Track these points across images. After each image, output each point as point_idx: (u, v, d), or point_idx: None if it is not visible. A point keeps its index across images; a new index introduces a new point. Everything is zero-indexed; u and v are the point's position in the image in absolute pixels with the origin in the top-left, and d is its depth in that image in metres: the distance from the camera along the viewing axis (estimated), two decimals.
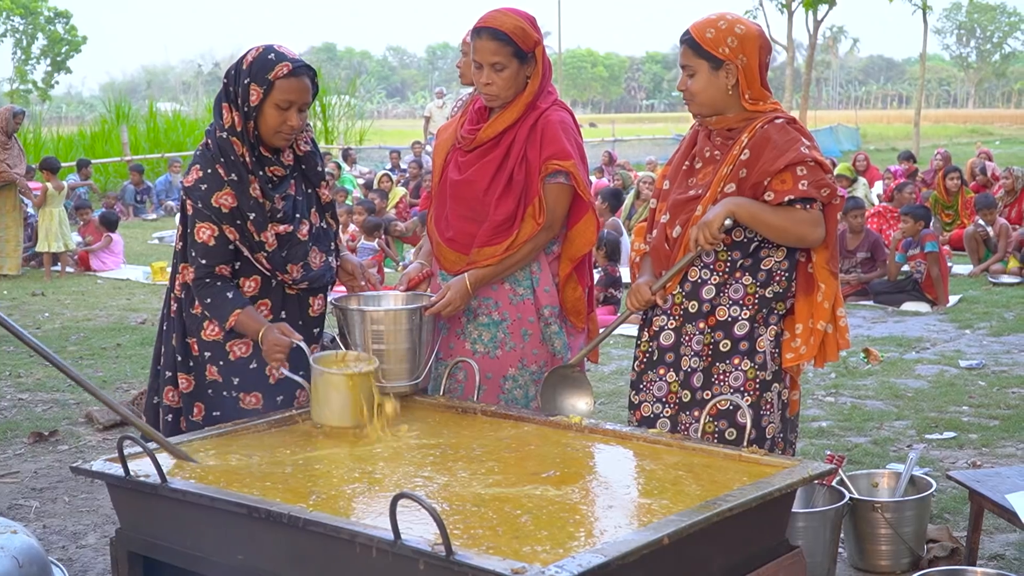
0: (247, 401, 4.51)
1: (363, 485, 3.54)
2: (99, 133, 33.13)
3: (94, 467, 3.68)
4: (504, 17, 4.69)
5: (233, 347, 4.49)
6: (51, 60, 79.01)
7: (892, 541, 5.33)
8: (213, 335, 4.49)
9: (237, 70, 4.44)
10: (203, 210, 4.37)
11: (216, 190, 4.37)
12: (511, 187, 4.74)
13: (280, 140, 4.46)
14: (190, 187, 4.41)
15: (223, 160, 4.40)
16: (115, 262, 16.94)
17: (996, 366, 9.71)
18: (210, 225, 4.38)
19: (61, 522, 6.21)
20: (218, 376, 4.52)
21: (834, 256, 4.38)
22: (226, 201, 4.37)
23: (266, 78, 4.35)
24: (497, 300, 4.83)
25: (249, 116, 4.38)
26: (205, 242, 4.39)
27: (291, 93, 4.37)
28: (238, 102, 4.40)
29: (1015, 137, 59.62)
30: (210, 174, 4.39)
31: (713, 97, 4.35)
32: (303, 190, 4.64)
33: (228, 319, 4.37)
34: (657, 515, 3.18)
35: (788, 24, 43.87)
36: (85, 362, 10.29)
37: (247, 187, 4.40)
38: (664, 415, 4.41)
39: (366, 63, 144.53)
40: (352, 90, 42.06)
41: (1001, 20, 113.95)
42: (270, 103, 4.36)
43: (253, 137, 4.42)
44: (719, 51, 4.29)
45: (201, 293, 4.41)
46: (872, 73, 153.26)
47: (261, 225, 4.41)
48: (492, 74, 4.71)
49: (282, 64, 4.36)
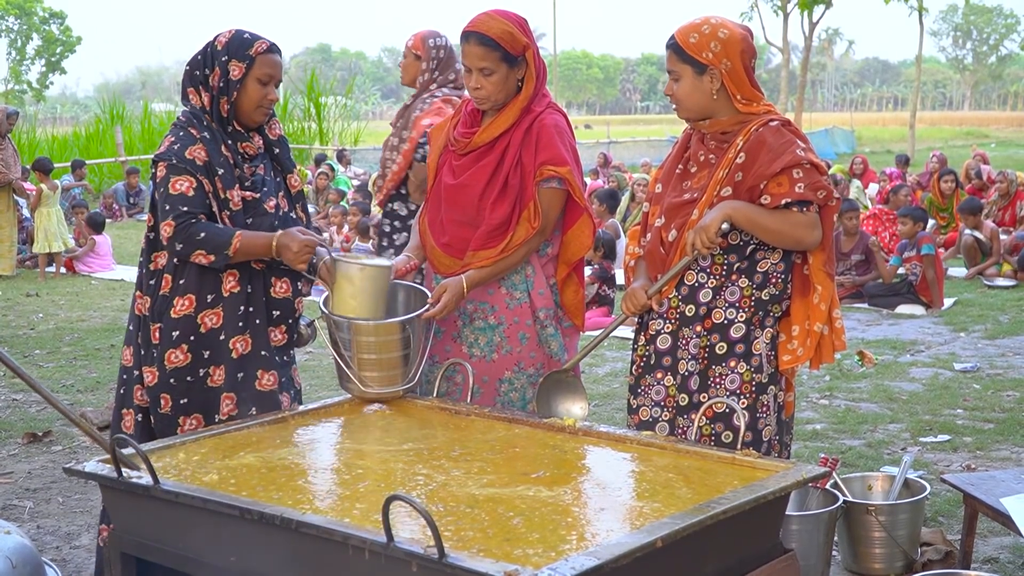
0: (215, 376, 4.54)
1: (355, 487, 3.53)
2: (94, 134, 33.12)
3: (87, 468, 3.67)
4: (492, 21, 4.69)
5: (204, 318, 4.53)
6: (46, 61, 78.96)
7: (886, 544, 5.32)
8: (184, 309, 4.51)
9: (210, 53, 4.60)
10: (178, 164, 4.47)
11: (189, 144, 4.52)
12: (506, 191, 4.74)
13: (260, 115, 4.65)
14: (162, 152, 4.53)
15: (195, 123, 4.58)
16: (103, 264, 16.86)
17: (991, 369, 9.72)
18: (187, 177, 4.47)
19: (55, 523, 6.20)
20: (187, 356, 4.51)
21: (830, 258, 4.38)
22: (199, 155, 4.50)
23: (247, 54, 4.55)
24: (494, 304, 4.83)
25: (225, 92, 4.55)
26: (184, 192, 4.46)
27: (271, 67, 4.59)
28: (208, 83, 4.56)
29: (1011, 140, 59.73)
30: (182, 136, 4.55)
31: (698, 102, 4.36)
32: (272, 175, 4.75)
33: (231, 243, 4.42)
34: (650, 518, 3.17)
35: (783, 26, 43.96)
36: (79, 363, 10.28)
37: (219, 146, 4.56)
38: (663, 419, 4.42)
39: (361, 64, 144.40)
40: (347, 91, 42.04)
41: (997, 22, 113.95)
42: (252, 78, 4.56)
43: (227, 112, 4.58)
44: (702, 56, 4.30)
45: (190, 232, 4.42)
46: (868, 75, 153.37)
47: (228, 183, 4.53)
48: (480, 78, 4.71)
49: (259, 41, 4.60)
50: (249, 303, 4.57)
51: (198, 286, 4.51)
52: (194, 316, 4.51)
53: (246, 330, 4.56)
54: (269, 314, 4.65)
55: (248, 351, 4.56)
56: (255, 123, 4.66)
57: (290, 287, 4.67)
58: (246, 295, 4.56)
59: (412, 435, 4.10)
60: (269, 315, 4.65)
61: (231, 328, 4.52)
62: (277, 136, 4.79)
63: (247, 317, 4.57)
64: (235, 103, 4.57)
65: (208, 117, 4.57)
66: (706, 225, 4.17)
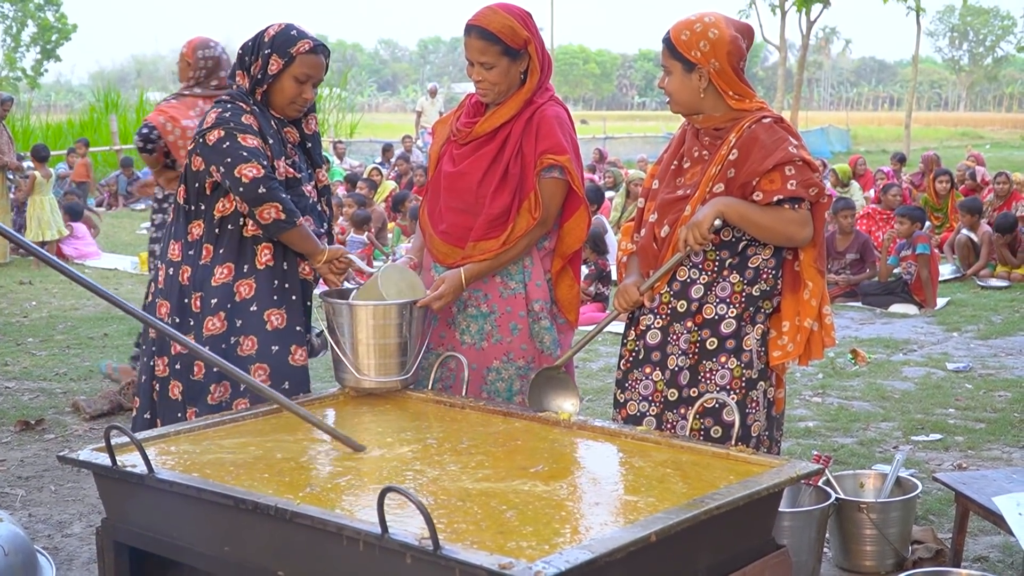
0: (245, 346, 4.65)
1: (350, 478, 3.54)
2: (88, 122, 33.01)
3: (81, 456, 3.67)
4: (493, 15, 4.70)
5: (239, 287, 4.66)
6: (40, 48, 78.68)
7: (877, 542, 5.33)
8: (223, 278, 4.65)
9: (257, 42, 4.73)
10: (238, 126, 4.58)
11: (242, 113, 4.64)
12: (506, 181, 4.75)
13: (292, 111, 4.79)
14: (214, 120, 4.61)
15: (246, 100, 4.70)
16: (85, 245, 16.82)
17: (983, 369, 9.73)
18: (254, 136, 4.59)
19: (47, 511, 6.20)
20: (223, 324, 4.63)
21: (821, 255, 4.39)
22: (252, 122, 4.63)
23: (288, 51, 4.67)
24: (487, 292, 4.84)
25: (262, 82, 4.69)
26: (257, 147, 4.58)
27: (310, 68, 4.71)
28: (250, 70, 4.69)
29: (1006, 141, 59.69)
30: (231, 107, 4.66)
31: (687, 98, 4.39)
32: (306, 167, 4.88)
33: (299, 217, 4.61)
34: (643, 512, 3.18)
35: (781, 24, 43.90)
36: (72, 351, 10.27)
37: (268, 120, 4.70)
38: (650, 413, 4.43)
39: (357, 56, 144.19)
40: (343, 83, 41.99)
41: (994, 23, 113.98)
42: (288, 75, 4.68)
43: (260, 100, 4.73)
44: (691, 54, 4.32)
45: (275, 186, 4.55)
46: (864, 74, 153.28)
47: (277, 152, 4.67)
48: (482, 71, 4.73)
49: (304, 40, 4.70)
50: (285, 279, 4.72)
51: (237, 255, 4.66)
52: (231, 284, 4.64)
53: (282, 304, 4.71)
54: (300, 294, 4.79)
55: (283, 325, 4.70)
56: (288, 117, 4.79)
57: (314, 274, 4.85)
58: (282, 270, 4.72)
59: (406, 427, 4.11)
60: (300, 296, 4.79)
61: (265, 300, 4.67)
62: (312, 131, 4.94)
63: (282, 292, 4.71)
64: (268, 94, 4.71)
65: (251, 97, 4.72)
66: (698, 221, 4.18)
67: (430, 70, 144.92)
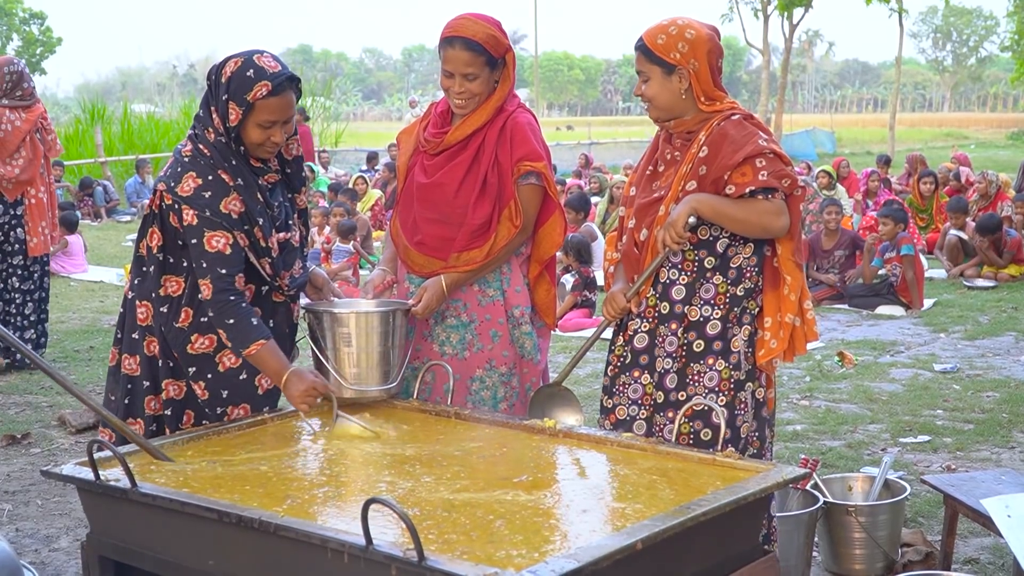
0: (234, 415, 4.42)
1: (334, 489, 3.52)
2: (73, 134, 32.91)
3: (64, 471, 3.66)
4: (475, 25, 4.69)
5: (223, 358, 4.37)
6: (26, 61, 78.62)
7: (866, 545, 5.32)
8: (203, 348, 4.34)
9: (215, 82, 4.27)
10: (212, 218, 4.17)
11: (223, 196, 4.21)
12: (486, 191, 4.74)
13: (264, 153, 4.34)
14: (190, 196, 4.19)
15: (225, 165, 4.25)
16: (75, 264, 16.62)
17: (970, 370, 9.74)
18: (223, 233, 4.18)
19: (34, 525, 6.17)
20: (204, 393, 4.38)
21: (798, 248, 4.40)
22: (235, 207, 4.22)
23: (244, 99, 4.18)
24: (466, 302, 4.83)
25: (228, 134, 4.25)
26: (221, 251, 4.18)
27: (272, 113, 4.22)
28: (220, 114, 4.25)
29: (990, 141, 59.94)
30: (211, 180, 4.23)
31: (668, 101, 4.38)
32: (285, 196, 4.56)
33: (249, 347, 4.18)
34: (631, 520, 3.17)
35: (764, 28, 44.02)
36: (58, 364, 10.24)
37: (254, 192, 4.29)
38: (640, 417, 4.42)
39: (342, 65, 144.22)
40: (328, 92, 42.00)
41: (977, 24, 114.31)
42: (251, 122, 4.22)
43: (237, 150, 4.29)
44: (670, 56, 4.33)
45: (223, 311, 4.18)
46: (848, 77, 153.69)
47: (268, 231, 4.32)
48: (465, 83, 4.70)
49: (261, 84, 4.18)
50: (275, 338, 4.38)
51: None
52: (212, 355, 4.37)
53: None
54: (291, 340, 4.59)
55: (272, 386, 4.44)
56: (262, 157, 4.36)
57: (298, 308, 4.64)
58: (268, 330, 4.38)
59: (391, 437, 4.10)
60: (291, 342, 4.59)
61: (253, 367, 4.36)
62: (293, 157, 4.53)
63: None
64: (240, 142, 4.29)
65: (231, 151, 4.27)
66: (673, 221, 4.19)
67: (415, 78, 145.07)
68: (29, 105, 9.62)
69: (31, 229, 9.66)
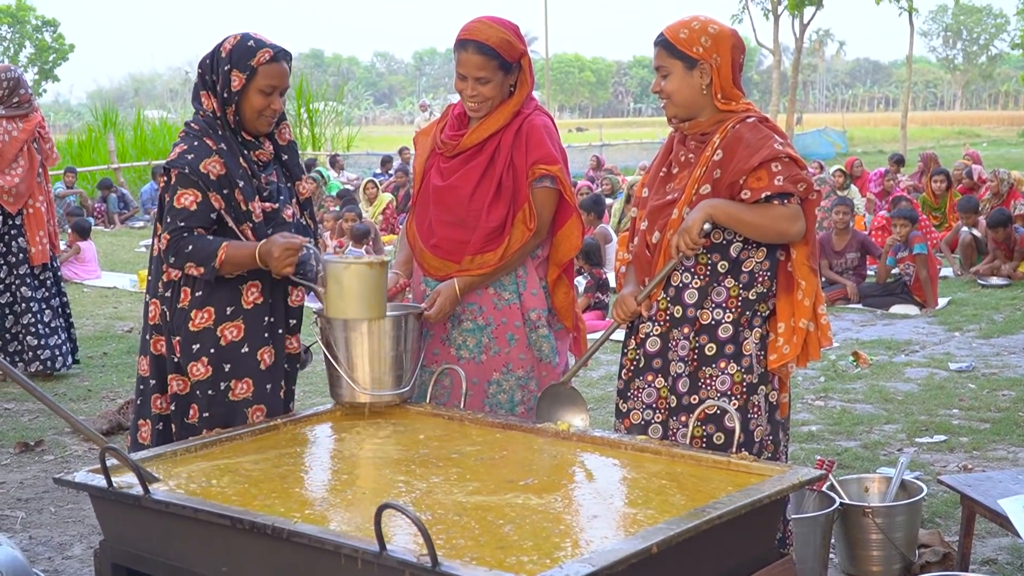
0: (238, 390, 4.49)
1: (348, 495, 3.51)
2: (86, 141, 33.04)
3: (77, 478, 3.65)
4: (489, 29, 4.67)
5: (224, 331, 4.47)
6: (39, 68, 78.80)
7: (883, 546, 5.30)
8: (203, 322, 4.45)
9: (215, 58, 4.53)
10: (189, 175, 4.38)
11: (204, 157, 4.42)
12: (500, 193, 4.73)
13: (263, 124, 4.56)
14: (174, 159, 4.43)
15: (211, 133, 4.49)
16: (88, 271, 16.63)
17: (986, 368, 9.71)
18: (194, 191, 4.38)
19: (47, 533, 6.17)
20: (207, 369, 4.46)
21: (814, 252, 4.36)
22: (214, 168, 4.41)
23: (248, 64, 4.46)
24: (482, 305, 4.81)
25: (229, 102, 4.47)
26: (187, 207, 4.38)
27: (274, 78, 4.50)
28: (216, 89, 4.49)
29: (1002, 139, 59.81)
30: (196, 146, 4.45)
31: (688, 97, 4.34)
32: (284, 181, 4.71)
33: (218, 254, 4.32)
34: (643, 524, 3.15)
35: (774, 28, 43.96)
36: (71, 371, 10.23)
37: (236, 158, 4.48)
38: (655, 421, 4.39)
39: (353, 69, 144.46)
40: (339, 96, 42.03)
41: (987, 22, 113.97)
42: (253, 88, 4.48)
43: (234, 123, 4.51)
44: (693, 50, 4.29)
45: (180, 245, 4.35)
46: (859, 76, 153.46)
47: (249, 194, 4.47)
48: (477, 86, 4.69)
49: (263, 50, 4.48)
50: (272, 314, 4.56)
51: (216, 298, 4.46)
52: (213, 329, 4.46)
53: (271, 341, 4.56)
54: (287, 323, 4.65)
55: (273, 362, 4.55)
56: (259, 132, 4.59)
57: (303, 295, 4.67)
58: (269, 306, 4.55)
59: (405, 441, 4.09)
60: (287, 324, 4.65)
61: (256, 340, 4.50)
62: (287, 141, 4.74)
63: (271, 327, 4.56)
64: (239, 112, 4.51)
65: (220, 124, 4.51)
66: (688, 227, 4.16)
67: (426, 82, 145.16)
68: (26, 114, 9.62)
69: (30, 238, 9.66)
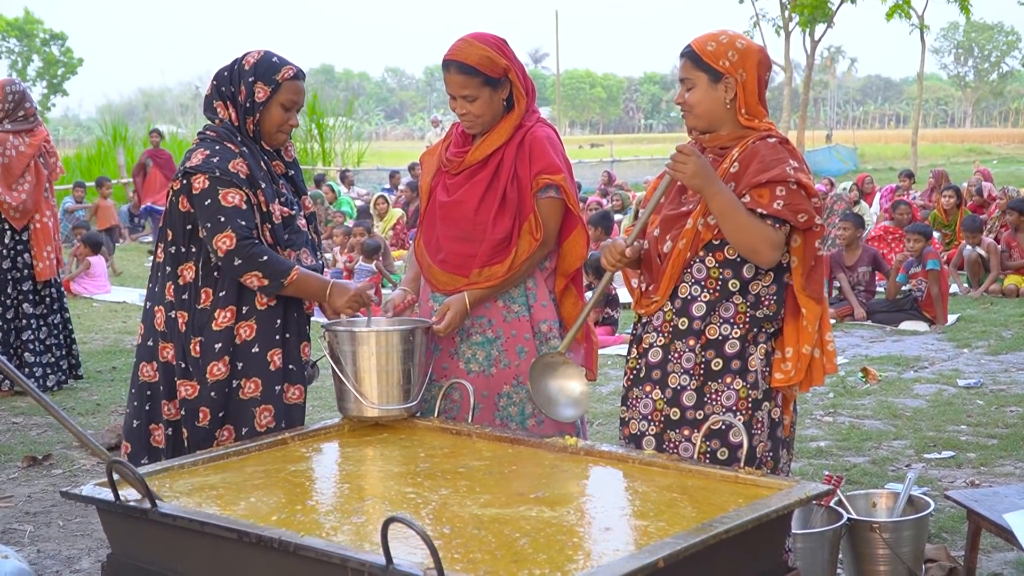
0: (247, 389, 4.59)
1: (354, 509, 3.51)
2: (96, 156, 33.11)
3: (84, 492, 3.66)
4: (469, 48, 4.70)
5: (240, 330, 4.57)
6: (47, 82, 79.01)
7: (890, 561, 5.29)
8: (225, 321, 4.55)
9: (236, 71, 4.67)
10: (223, 177, 4.48)
11: (230, 158, 4.53)
12: (505, 206, 4.75)
13: (280, 138, 4.74)
14: (200, 163, 4.51)
15: (230, 138, 4.60)
16: (98, 286, 16.60)
17: (994, 385, 9.70)
18: (237, 190, 4.49)
19: (55, 546, 6.18)
20: (227, 369, 4.56)
21: (811, 281, 4.31)
22: (242, 168, 4.53)
23: (273, 78, 4.64)
24: (491, 318, 4.82)
25: (252, 112, 4.61)
26: (238, 205, 4.48)
27: (295, 94, 4.69)
28: (236, 100, 4.62)
29: (1013, 156, 59.72)
30: (218, 149, 4.56)
31: (710, 110, 4.34)
32: (291, 192, 4.83)
33: (289, 274, 4.49)
34: (654, 537, 3.16)
35: (785, 44, 43.89)
36: (80, 385, 10.26)
37: (258, 161, 4.62)
38: (649, 433, 4.38)
39: (364, 84, 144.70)
40: (350, 111, 42.10)
41: (999, 39, 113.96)
42: (276, 102, 4.65)
43: (253, 132, 4.64)
44: (719, 64, 4.29)
45: (252, 252, 4.44)
46: (870, 93, 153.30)
47: (271, 196, 4.60)
48: (465, 104, 4.74)
49: (287, 67, 4.68)
50: (284, 317, 4.65)
51: (236, 297, 4.57)
52: (233, 327, 4.57)
53: (281, 343, 4.64)
54: (301, 329, 4.73)
55: (282, 364, 4.64)
56: (274, 145, 4.74)
57: (314, 305, 4.77)
58: (281, 309, 4.64)
59: (413, 455, 4.09)
60: (300, 330, 4.73)
61: (267, 341, 4.60)
62: (292, 159, 4.88)
63: (281, 330, 4.64)
64: (259, 124, 4.64)
65: (239, 132, 4.64)
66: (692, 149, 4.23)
67: (436, 97, 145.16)
68: (32, 128, 9.68)
69: (36, 254, 9.69)
